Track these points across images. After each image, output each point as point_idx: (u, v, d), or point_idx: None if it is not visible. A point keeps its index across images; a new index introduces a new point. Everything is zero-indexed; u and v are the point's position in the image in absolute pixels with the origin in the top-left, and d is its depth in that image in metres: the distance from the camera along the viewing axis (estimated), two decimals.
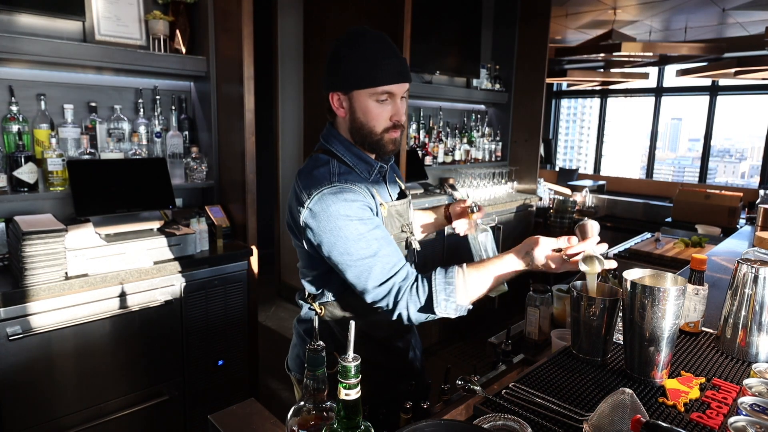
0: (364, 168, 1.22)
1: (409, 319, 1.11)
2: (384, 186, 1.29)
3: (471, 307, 1.12)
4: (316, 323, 0.85)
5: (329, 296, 1.25)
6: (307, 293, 1.30)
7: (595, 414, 0.82)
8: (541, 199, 4.33)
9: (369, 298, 1.12)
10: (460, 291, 1.08)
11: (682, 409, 0.94)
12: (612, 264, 1.07)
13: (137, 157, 2.28)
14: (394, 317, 1.12)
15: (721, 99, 7.41)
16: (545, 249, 1.07)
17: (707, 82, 7.28)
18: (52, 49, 1.95)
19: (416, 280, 1.12)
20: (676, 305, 1.00)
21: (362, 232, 1.09)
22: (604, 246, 1.09)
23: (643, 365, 1.04)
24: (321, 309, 1.27)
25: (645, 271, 1.11)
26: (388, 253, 1.12)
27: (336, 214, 1.09)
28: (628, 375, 1.07)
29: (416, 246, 1.33)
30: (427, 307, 1.09)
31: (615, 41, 4.73)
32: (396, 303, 1.10)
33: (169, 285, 2.05)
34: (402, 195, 1.36)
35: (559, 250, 1.07)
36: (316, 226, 1.11)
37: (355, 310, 1.25)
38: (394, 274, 1.11)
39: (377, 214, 1.17)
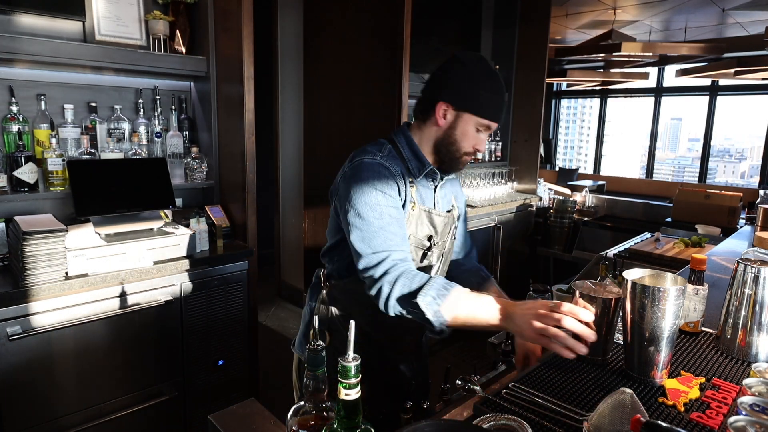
0: (415, 165, 1.27)
1: (387, 298, 1.10)
2: (431, 193, 1.32)
3: (447, 327, 1.09)
4: (316, 323, 0.85)
5: (343, 270, 1.30)
6: (323, 268, 1.36)
7: (595, 414, 0.82)
8: (541, 199, 4.33)
9: (362, 264, 1.15)
10: (449, 302, 1.07)
11: (682, 409, 0.94)
12: None
13: (137, 157, 2.28)
14: (374, 291, 1.13)
15: (720, 99, 7.42)
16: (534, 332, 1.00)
17: (707, 82, 7.28)
18: (53, 49, 1.95)
19: (414, 270, 1.14)
20: (676, 305, 1.00)
21: (381, 203, 1.16)
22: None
23: (643, 365, 1.04)
24: (327, 286, 1.32)
25: (645, 271, 1.11)
26: (395, 232, 1.16)
27: (365, 179, 1.16)
28: (628, 375, 1.07)
29: (431, 262, 1.32)
30: (412, 295, 1.07)
31: (615, 41, 4.74)
32: (384, 275, 1.11)
33: (169, 285, 2.05)
34: (455, 212, 1.39)
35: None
36: (344, 187, 1.19)
37: (351, 294, 1.28)
38: (394, 251, 1.14)
39: (404, 205, 1.22)
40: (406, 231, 1.21)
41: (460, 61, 1.24)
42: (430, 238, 1.29)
